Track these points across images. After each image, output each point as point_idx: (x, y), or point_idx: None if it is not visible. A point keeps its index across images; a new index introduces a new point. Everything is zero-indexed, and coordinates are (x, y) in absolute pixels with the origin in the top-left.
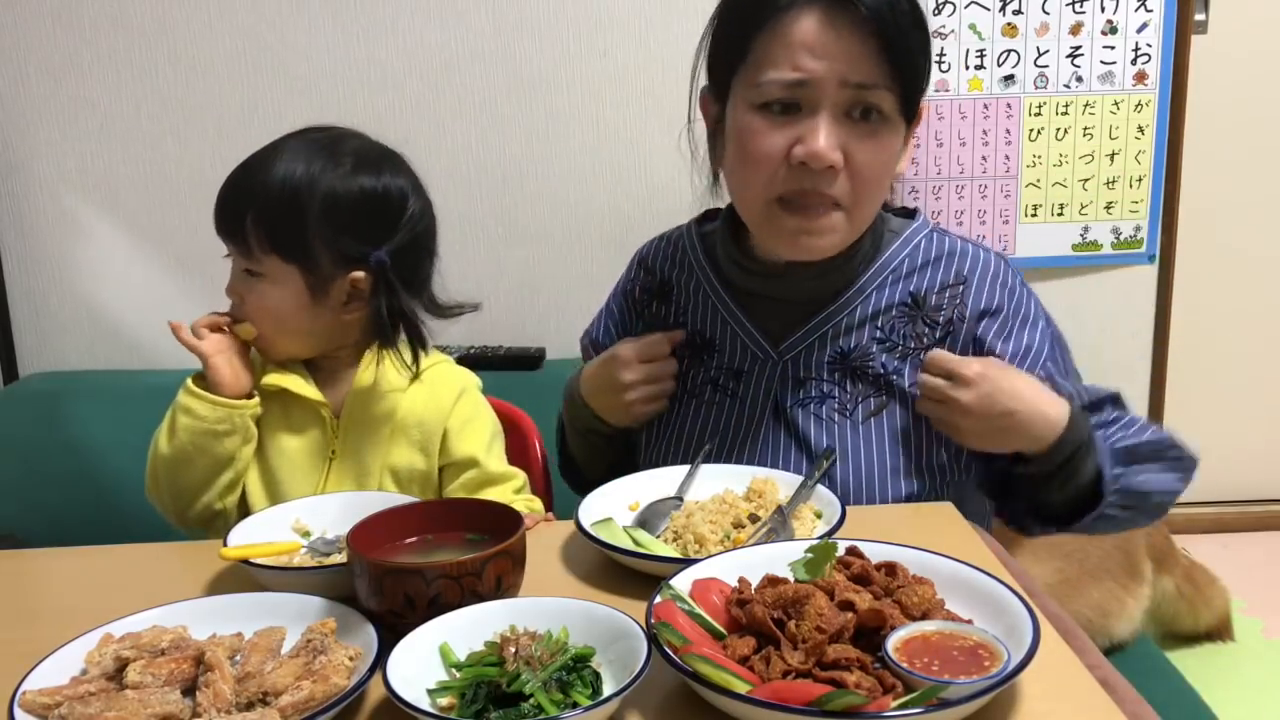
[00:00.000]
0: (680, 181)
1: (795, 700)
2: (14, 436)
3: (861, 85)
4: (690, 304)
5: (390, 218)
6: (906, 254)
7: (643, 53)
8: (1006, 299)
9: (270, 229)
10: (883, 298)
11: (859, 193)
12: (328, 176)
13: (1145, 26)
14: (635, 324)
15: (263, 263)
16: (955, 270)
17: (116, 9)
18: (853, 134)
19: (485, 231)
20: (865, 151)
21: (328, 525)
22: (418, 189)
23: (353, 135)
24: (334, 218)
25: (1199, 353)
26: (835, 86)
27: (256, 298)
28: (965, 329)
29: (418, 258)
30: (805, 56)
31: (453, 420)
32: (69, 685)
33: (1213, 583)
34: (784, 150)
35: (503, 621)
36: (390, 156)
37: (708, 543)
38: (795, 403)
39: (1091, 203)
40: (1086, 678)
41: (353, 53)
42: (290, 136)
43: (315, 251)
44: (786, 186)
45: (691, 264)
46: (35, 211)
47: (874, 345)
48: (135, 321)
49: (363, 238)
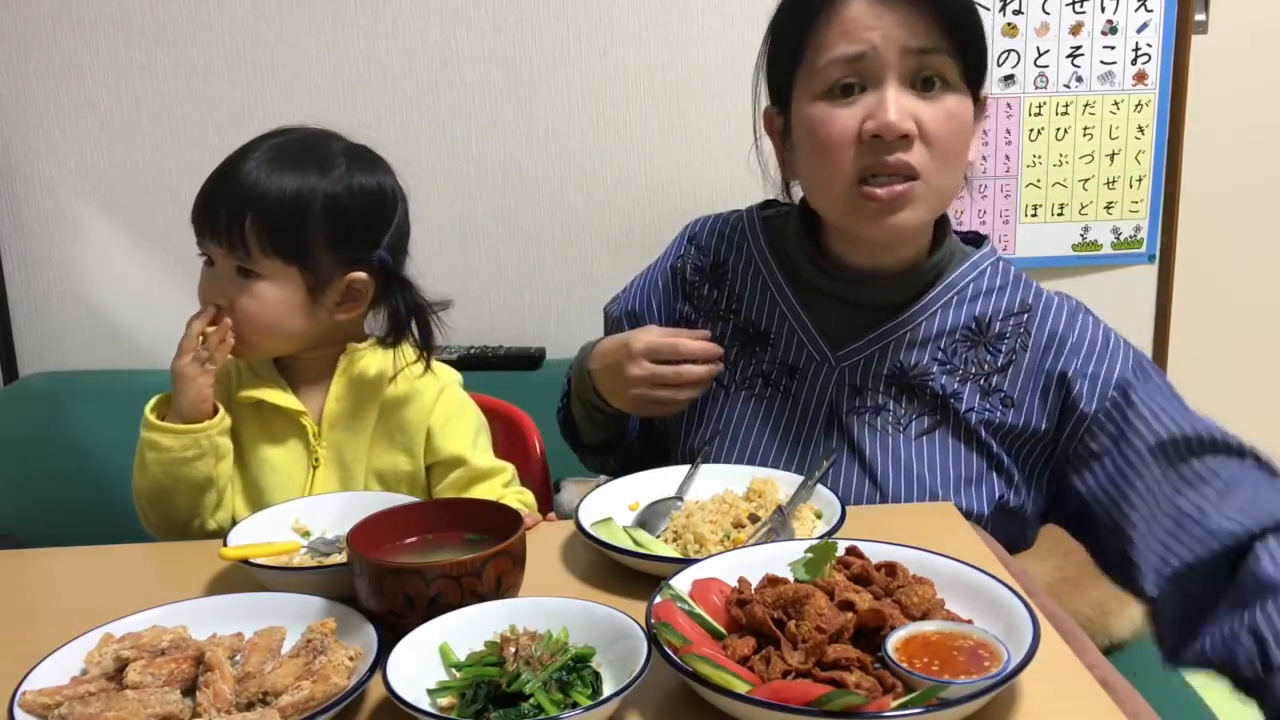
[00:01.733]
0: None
1: (795, 700)
2: (14, 436)
3: (922, 50)
4: (746, 291)
5: (385, 217)
6: (973, 278)
7: (643, 52)
8: (1072, 327)
9: (272, 232)
10: (947, 318)
11: (936, 160)
12: (327, 178)
13: (1145, 26)
14: (681, 304)
15: (261, 264)
16: (1020, 299)
17: (116, 9)
18: (921, 103)
19: (485, 231)
20: (936, 118)
21: (328, 525)
22: (399, 187)
23: (333, 136)
24: (335, 219)
25: (1199, 352)
26: (896, 55)
27: (251, 299)
28: (1029, 359)
29: (403, 257)
30: (861, 31)
31: (434, 419)
32: (69, 685)
33: None
34: (855, 129)
35: (503, 621)
36: (376, 156)
37: (708, 543)
38: (850, 410)
39: (1091, 203)
40: (1086, 678)
41: (353, 52)
42: (269, 137)
43: (316, 253)
44: (863, 162)
45: (751, 250)
46: (35, 211)
47: (934, 365)
48: (135, 321)
49: (362, 238)
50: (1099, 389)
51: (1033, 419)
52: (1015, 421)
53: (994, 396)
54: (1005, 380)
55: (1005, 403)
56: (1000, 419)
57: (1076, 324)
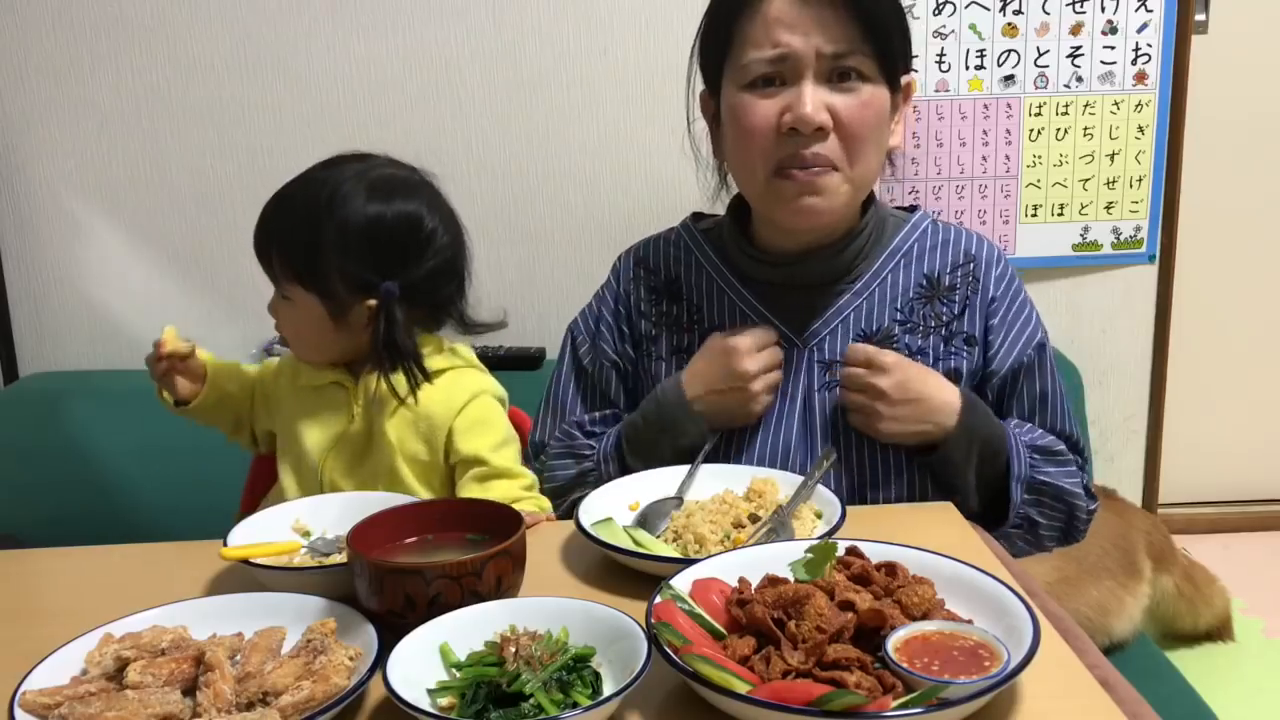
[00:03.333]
0: (680, 180)
1: (795, 700)
2: (14, 436)
3: (837, 54)
4: (704, 300)
5: (404, 246)
6: (915, 239)
7: (643, 52)
8: (1008, 288)
9: (289, 259)
10: (899, 280)
11: (851, 150)
12: (342, 208)
13: (1145, 26)
14: (642, 324)
15: (287, 289)
16: (964, 250)
17: (117, 10)
18: (836, 95)
19: (485, 231)
20: (850, 109)
21: (328, 525)
22: (436, 211)
23: (378, 162)
24: (347, 248)
25: (1199, 353)
26: (813, 57)
27: (286, 319)
28: (980, 299)
29: (437, 283)
30: (782, 32)
31: (460, 421)
32: (69, 685)
33: (1212, 582)
34: (774, 120)
35: (503, 621)
36: (406, 183)
37: (708, 543)
38: (823, 385)
39: (1091, 203)
40: (1086, 678)
41: (353, 52)
42: (320, 166)
43: (331, 280)
44: (782, 153)
45: (699, 261)
46: (35, 211)
47: (896, 327)
48: (135, 321)
49: (376, 267)
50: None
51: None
52: (979, 359)
53: (957, 340)
54: (964, 323)
55: (969, 343)
56: (968, 362)
57: (1013, 289)
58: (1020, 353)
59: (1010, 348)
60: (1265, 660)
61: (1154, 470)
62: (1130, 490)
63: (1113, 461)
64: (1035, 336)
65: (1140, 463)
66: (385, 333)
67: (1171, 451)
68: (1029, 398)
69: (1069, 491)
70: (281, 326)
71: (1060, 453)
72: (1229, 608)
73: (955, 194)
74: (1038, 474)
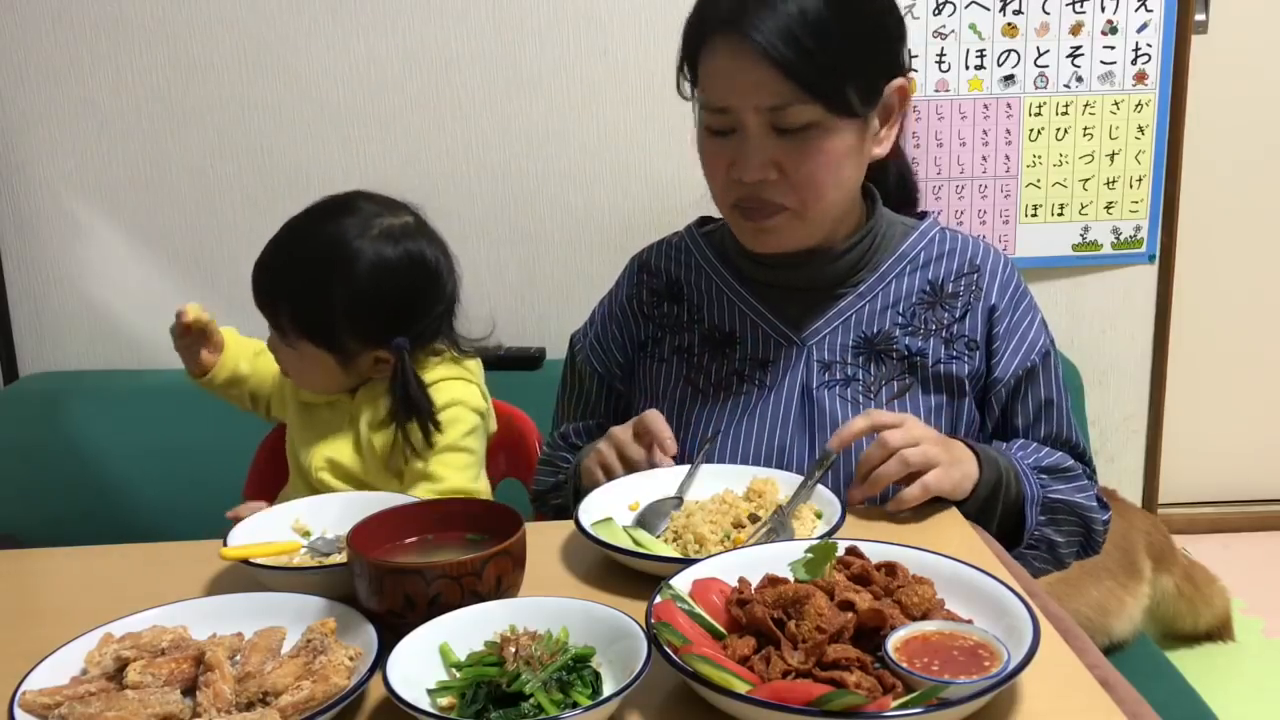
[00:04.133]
0: (680, 181)
1: (795, 700)
2: (14, 436)
3: (774, 108)
4: (704, 301)
5: (413, 302)
6: (922, 246)
7: (643, 52)
8: (1012, 296)
9: (298, 320)
10: (902, 286)
11: (803, 196)
12: (351, 269)
13: (1145, 26)
14: (645, 327)
15: (293, 342)
16: (969, 259)
17: (116, 10)
18: (782, 146)
19: (485, 231)
20: (797, 160)
21: (328, 525)
22: (437, 258)
23: (371, 211)
24: (358, 310)
25: (1199, 353)
26: (751, 113)
27: (289, 360)
28: (983, 306)
29: (439, 327)
30: (722, 88)
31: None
32: (69, 685)
33: (1212, 582)
34: (725, 168)
35: (503, 621)
36: (406, 231)
37: (708, 543)
38: (821, 384)
39: (1091, 203)
40: (1086, 678)
41: (353, 52)
42: (317, 219)
43: (343, 339)
44: (736, 195)
45: (700, 263)
46: (35, 211)
47: (896, 329)
48: (135, 321)
49: (387, 324)
50: (1015, 362)
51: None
52: (981, 364)
53: (958, 343)
54: (965, 326)
55: (970, 346)
56: (968, 365)
57: (1018, 296)
58: (1024, 359)
59: (1014, 354)
60: (1265, 660)
61: (1154, 470)
62: (1130, 490)
63: (1113, 461)
64: (1039, 343)
65: (1140, 463)
66: (401, 387)
67: (1171, 451)
68: (1033, 405)
69: (1083, 506)
70: (283, 365)
71: (1069, 469)
72: (1229, 608)
73: (955, 194)
74: (1050, 494)
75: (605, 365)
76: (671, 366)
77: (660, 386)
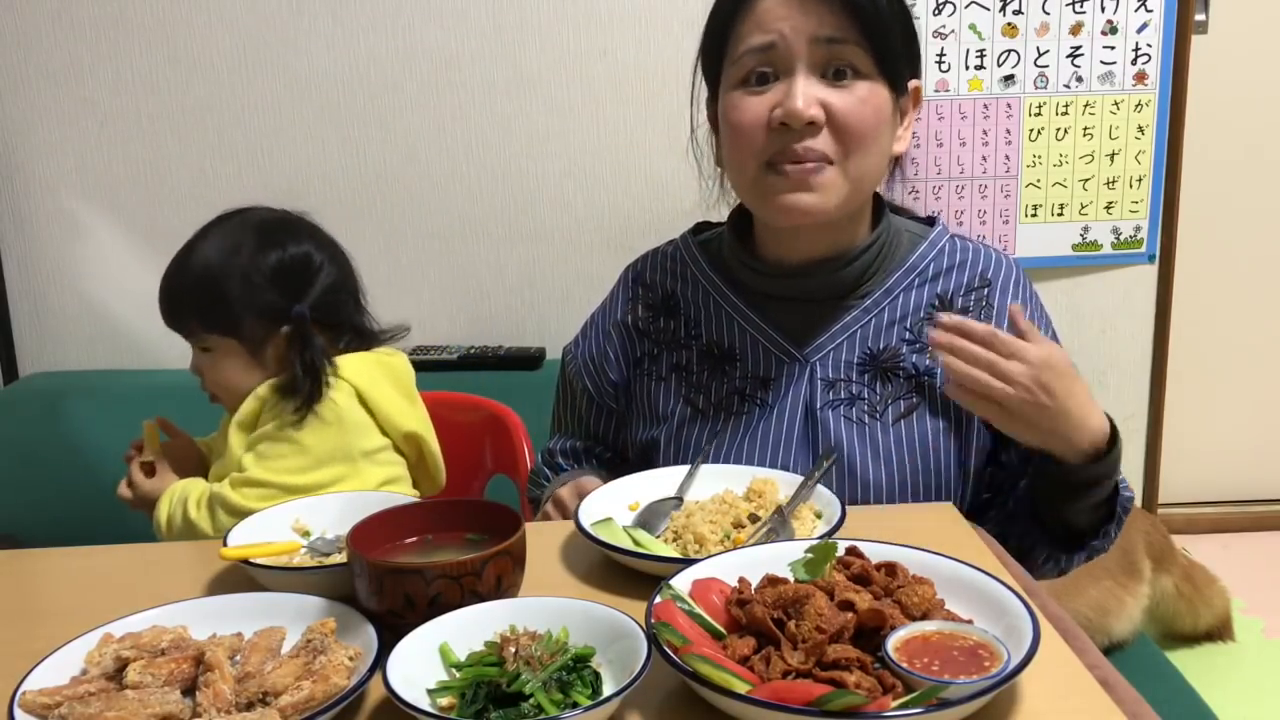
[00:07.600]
0: (680, 181)
1: (795, 700)
2: (14, 436)
3: (831, 39)
4: (701, 315)
5: (302, 279)
6: (932, 258)
7: (643, 52)
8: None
9: (202, 312)
10: (910, 300)
11: (846, 146)
12: (237, 257)
13: (1145, 26)
14: (641, 344)
15: (207, 341)
16: (980, 273)
17: (116, 10)
18: (830, 91)
19: (485, 231)
20: (846, 103)
21: (328, 525)
22: (322, 245)
23: (253, 212)
24: (252, 291)
25: (1199, 353)
26: (805, 44)
27: (212, 371)
28: (994, 323)
29: (338, 304)
30: (772, 20)
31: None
32: (69, 685)
33: (1212, 583)
34: (765, 116)
35: (503, 621)
36: (287, 224)
37: (708, 543)
38: (825, 404)
39: (1091, 203)
40: (1086, 678)
41: (353, 52)
42: (202, 233)
43: (245, 322)
44: (773, 148)
45: (695, 275)
46: (35, 211)
47: (903, 346)
48: (135, 321)
49: (282, 296)
50: None
51: None
52: None
53: None
54: None
55: None
56: None
57: (1029, 311)
58: None
59: None
60: (1265, 660)
61: (1154, 470)
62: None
63: None
64: None
65: (1140, 463)
66: (304, 354)
67: (1171, 451)
68: None
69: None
70: (208, 383)
71: None
72: (1229, 608)
73: (955, 194)
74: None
75: (597, 385)
76: (670, 385)
77: (659, 407)
